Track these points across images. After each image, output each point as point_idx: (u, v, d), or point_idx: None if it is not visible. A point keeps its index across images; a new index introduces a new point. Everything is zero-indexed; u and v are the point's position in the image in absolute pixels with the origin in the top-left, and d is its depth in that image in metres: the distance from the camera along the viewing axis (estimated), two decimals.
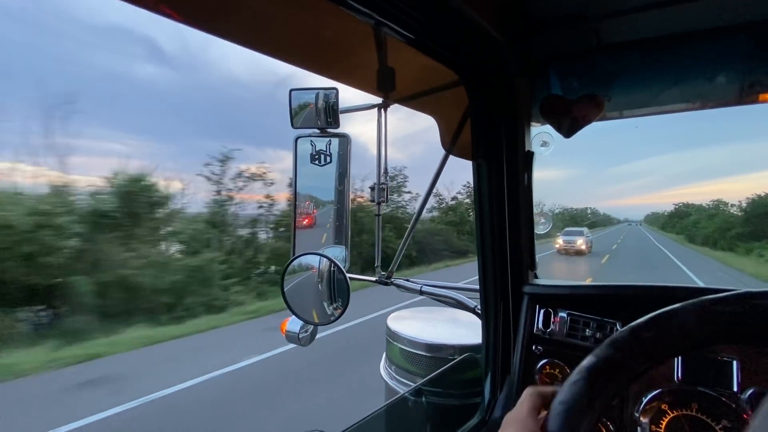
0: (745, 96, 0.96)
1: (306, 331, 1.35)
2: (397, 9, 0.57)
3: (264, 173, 12.50)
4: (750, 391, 0.68)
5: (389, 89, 0.88)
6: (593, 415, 0.39)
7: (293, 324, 1.35)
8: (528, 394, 0.45)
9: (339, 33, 0.67)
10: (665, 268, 14.04)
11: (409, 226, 1.20)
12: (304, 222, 1.31)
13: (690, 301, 0.40)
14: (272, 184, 12.80)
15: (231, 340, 6.59)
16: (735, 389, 0.69)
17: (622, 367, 0.40)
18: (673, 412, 0.72)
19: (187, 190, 11.33)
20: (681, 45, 0.84)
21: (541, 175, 1.00)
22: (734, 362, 0.70)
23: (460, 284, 1.23)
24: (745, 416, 0.67)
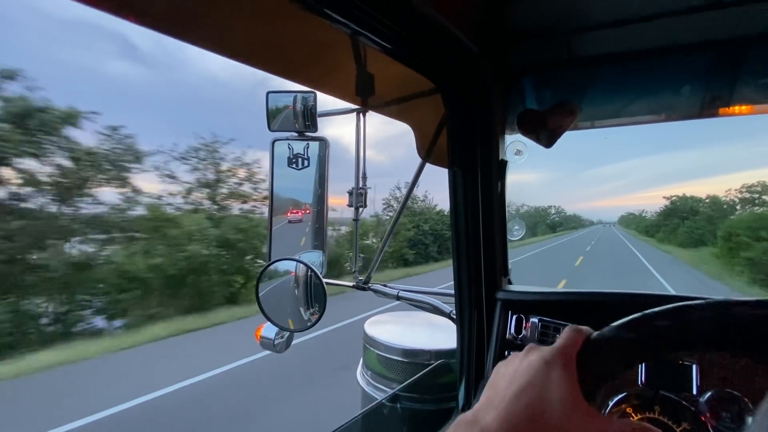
0: (706, 110, 1.01)
1: (282, 338, 1.33)
2: (373, 19, 0.57)
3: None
4: (708, 394, 0.71)
5: (366, 97, 0.88)
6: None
7: (268, 330, 1.33)
8: (568, 330, 0.40)
9: (316, 41, 0.66)
10: None
11: (386, 232, 1.20)
12: (306, 212, 1.30)
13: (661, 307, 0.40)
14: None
15: None
16: (694, 392, 0.72)
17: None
18: (637, 415, 0.75)
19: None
20: (647, 60, 0.87)
21: (515, 179, 1.03)
22: (693, 366, 0.73)
23: (436, 289, 1.24)
24: (703, 418, 0.70)
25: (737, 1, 0.68)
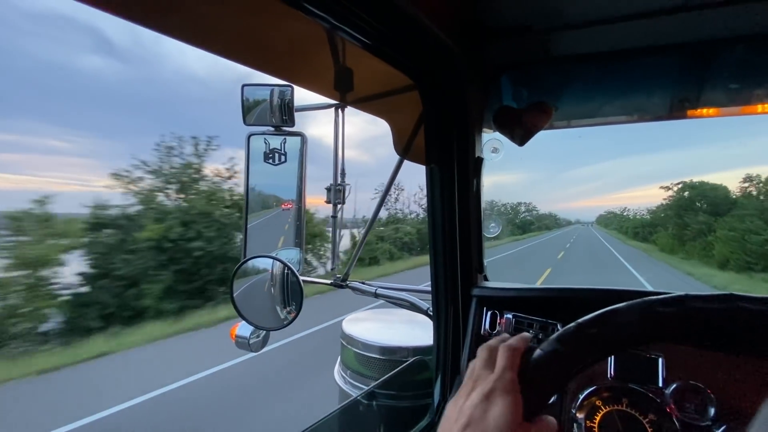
0: (675, 111, 1.04)
1: (257, 336, 1.31)
2: (352, 14, 0.57)
3: None
4: (673, 386, 0.73)
5: (344, 93, 0.87)
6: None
7: (243, 329, 1.30)
8: (504, 349, 0.44)
9: (294, 35, 0.65)
10: None
11: (364, 229, 1.19)
12: (288, 206, 1.27)
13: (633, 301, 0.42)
14: None
15: None
16: (660, 384, 0.74)
17: (566, 359, 0.40)
18: (606, 408, 0.77)
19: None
20: (622, 60, 0.89)
21: (495, 180, 1.03)
22: (660, 359, 0.76)
23: (414, 287, 1.24)
24: (668, 409, 0.72)
25: (710, 3, 0.70)
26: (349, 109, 1.28)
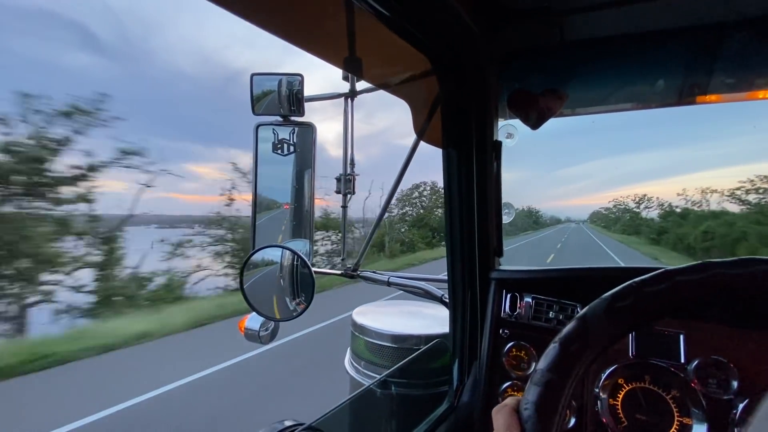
0: (685, 97, 1.05)
1: (267, 329, 1.30)
2: None
3: None
4: (695, 362, 0.73)
5: (360, 67, 0.86)
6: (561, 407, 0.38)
7: (253, 321, 1.29)
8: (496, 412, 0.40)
9: (314, 3, 0.64)
10: None
11: (377, 216, 1.19)
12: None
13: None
14: None
15: None
16: (682, 360, 0.75)
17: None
18: (628, 386, 0.77)
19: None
20: (634, 45, 0.90)
21: None
22: (680, 335, 0.76)
23: (427, 275, 1.24)
24: (692, 384, 0.72)
25: None
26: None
